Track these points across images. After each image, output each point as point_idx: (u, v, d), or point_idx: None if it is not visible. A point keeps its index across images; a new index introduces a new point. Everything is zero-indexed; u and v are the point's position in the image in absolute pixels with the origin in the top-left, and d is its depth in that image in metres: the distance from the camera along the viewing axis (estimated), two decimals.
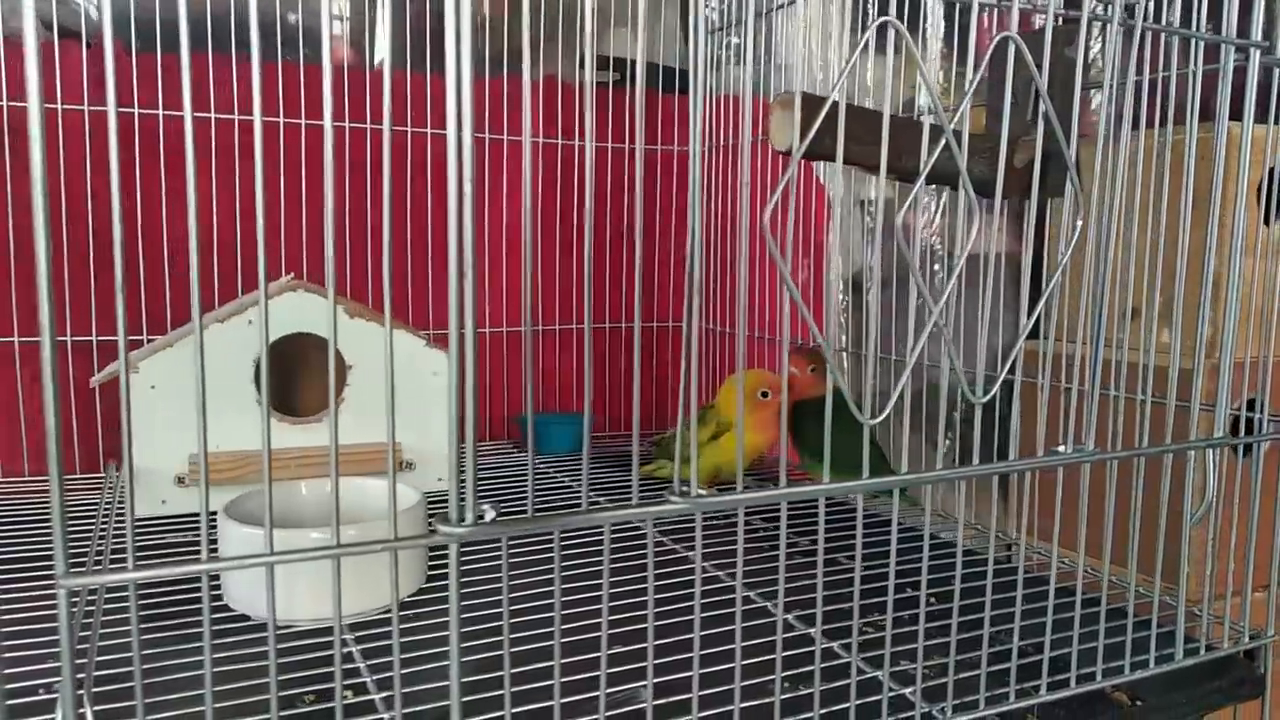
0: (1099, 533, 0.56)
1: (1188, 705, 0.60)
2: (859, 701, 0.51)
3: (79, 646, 0.58)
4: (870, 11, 1.12)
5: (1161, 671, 0.59)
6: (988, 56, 0.46)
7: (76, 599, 0.66)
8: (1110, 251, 0.50)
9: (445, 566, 0.68)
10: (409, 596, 0.67)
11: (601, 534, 0.41)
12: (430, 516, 0.69)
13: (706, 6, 1.35)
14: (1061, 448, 0.51)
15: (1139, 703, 0.61)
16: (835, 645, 0.61)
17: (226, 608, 0.64)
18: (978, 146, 0.62)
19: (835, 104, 0.51)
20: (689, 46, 1.32)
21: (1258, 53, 0.54)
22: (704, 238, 1.24)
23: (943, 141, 0.45)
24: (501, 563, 0.40)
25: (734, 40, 1.38)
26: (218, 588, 0.65)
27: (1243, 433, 0.76)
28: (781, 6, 1.25)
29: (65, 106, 0.96)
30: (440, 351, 0.93)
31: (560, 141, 1.18)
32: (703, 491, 0.42)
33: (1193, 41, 0.57)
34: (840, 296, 1.45)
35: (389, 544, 0.37)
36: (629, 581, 0.67)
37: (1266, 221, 1.11)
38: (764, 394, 0.93)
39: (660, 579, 0.74)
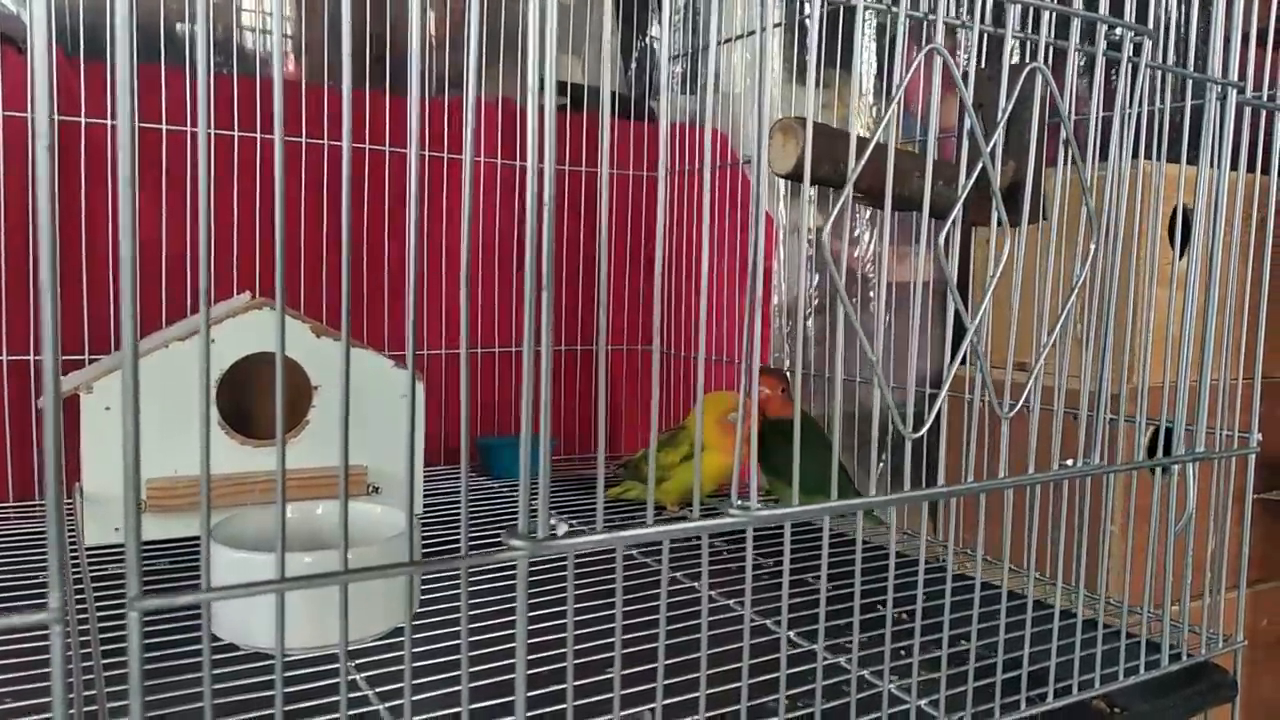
0: (1055, 548, 0.59)
1: (1172, 710, 0.62)
2: (890, 711, 0.52)
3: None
4: (809, 45, 1.16)
5: (1146, 679, 0.62)
6: (1018, 88, 0.48)
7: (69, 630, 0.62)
8: (1116, 278, 0.53)
9: (440, 592, 0.66)
10: (402, 623, 0.65)
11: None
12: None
13: (653, 38, 1.37)
14: (1070, 461, 0.53)
15: (1116, 709, 0.64)
16: (844, 661, 0.62)
17: (214, 637, 0.61)
18: (950, 174, 0.65)
19: (828, 129, 0.53)
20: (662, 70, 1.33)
21: (1234, 92, 0.58)
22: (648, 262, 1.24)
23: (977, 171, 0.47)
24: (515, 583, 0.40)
25: (678, 70, 1.41)
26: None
27: (1160, 449, 0.79)
28: (729, 40, 1.28)
29: (8, 113, 0.91)
30: (407, 372, 0.91)
31: (516, 163, 1.17)
32: (760, 506, 0.42)
33: (1160, 81, 0.61)
34: (780, 321, 1.49)
35: (459, 558, 0.36)
36: (600, 608, 0.66)
37: (1182, 255, 1.18)
38: (731, 417, 0.94)
39: (640, 600, 0.74)
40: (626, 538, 0.39)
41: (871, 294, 1.52)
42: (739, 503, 0.42)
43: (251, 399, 0.91)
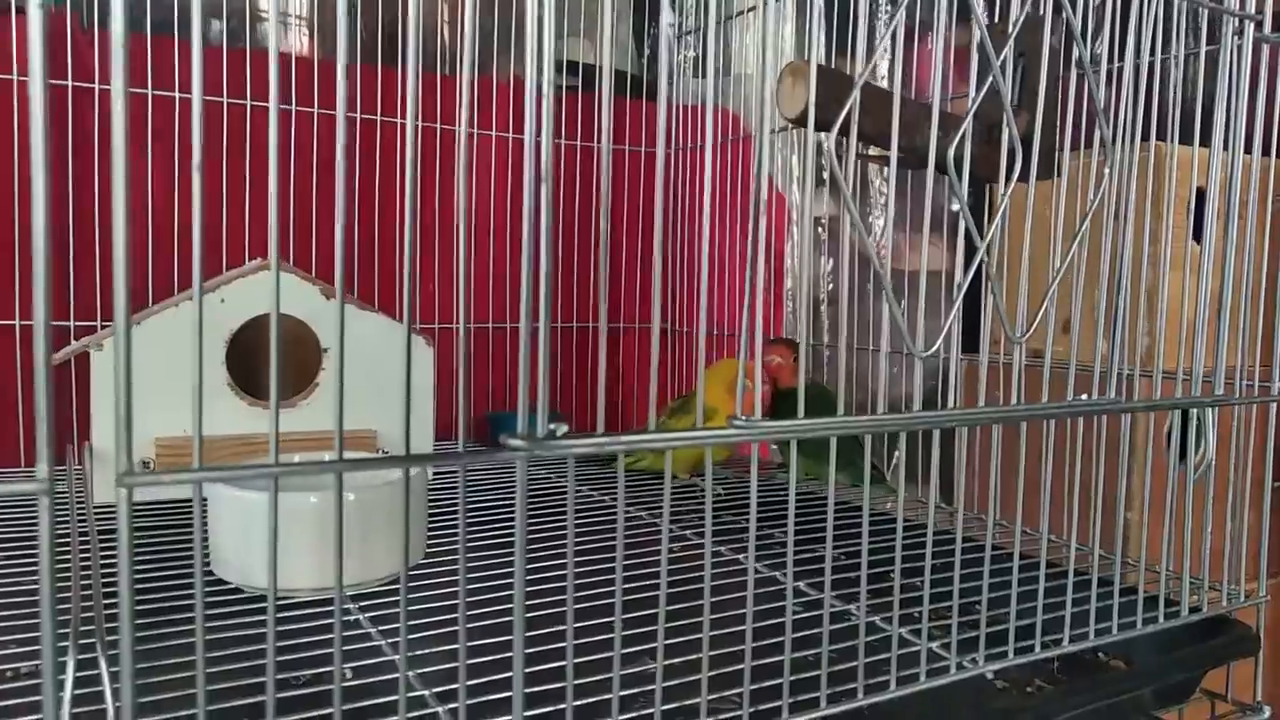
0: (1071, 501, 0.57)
1: (1190, 661, 0.61)
2: (899, 653, 0.51)
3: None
4: (820, 24, 1.15)
5: (1163, 633, 0.61)
6: (1025, 11, 0.47)
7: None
8: (1132, 213, 0.52)
9: (445, 545, 0.65)
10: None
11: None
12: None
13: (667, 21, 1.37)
14: (1084, 396, 0.52)
15: (1132, 665, 0.62)
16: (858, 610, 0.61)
17: (220, 581, 0.61)
18: (958, 125, 0.64)
19: (839, 73, 0.52)
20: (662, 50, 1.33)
21: (1251, 25, 0.57)
22: (664, 239, 1.24)
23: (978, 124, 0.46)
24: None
25: (692, 53, 1.41)
26: (207, 560, 0.62)
27: (1178, 433, 0.78)
28: (740, 14, 1.28)
29: (21, 78, 0.92)
30: (418, 336, 0.90)
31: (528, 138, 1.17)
32: (760, 419, 0.41)
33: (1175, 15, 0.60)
34: (795, 305, 1.48)
35: (457, 455, 0.36)
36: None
37: (1197, 239, 1.16)
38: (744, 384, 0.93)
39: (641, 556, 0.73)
40: (626, 442, 0.38)
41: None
42: (742, 419, 0.41)
43: (261, 360, 0.91)
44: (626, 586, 0.52)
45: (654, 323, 0.42)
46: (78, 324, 0.96)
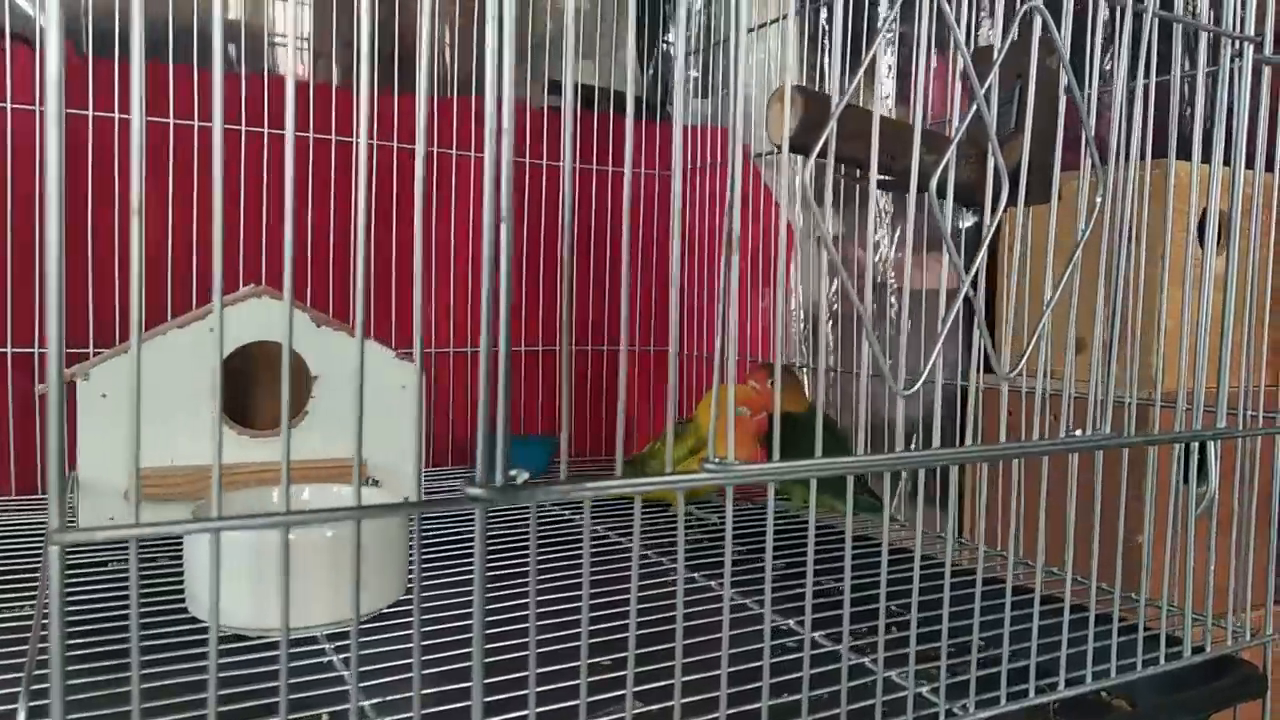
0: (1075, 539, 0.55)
1: (1194, 703, 0.59)
2: (886, 698, 0.49)
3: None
4: (824, 44, 1.14)
5: (1166, 673, 0.59)
6: (1014, 29, 0.46)
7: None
8: (1125, 264, 0.50)
9: (430, 578, 0.64)
10: (388, 608, 0.63)
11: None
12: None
13: (666, 40, 1.36)
14: (1079, 432, 0.50)
15: (1135, 707, 0.60)
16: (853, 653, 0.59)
17: (194, 619, 0.60)
18: (961, 151, 0.62)
19: (828, 98, 0.51)
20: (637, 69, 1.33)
21: (1250, 48, 0.55)
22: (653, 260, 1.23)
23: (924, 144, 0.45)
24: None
25: (694, 74, 1.40)
26: (181, 595, 0.61)
27: (1197, 457, 0.76)
28: (749, 30, 1.27)
29: (15, 106, 0.92)
30: (409, 364, 0.89)
31: (527, 161, 1.16)
32: (736, 463, 0.40)
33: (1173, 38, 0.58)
34: (801, 325, 1.46)
35: (412, 506, 0.34)
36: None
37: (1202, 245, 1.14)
38: (739, 411, 0.92)
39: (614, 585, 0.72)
40: (592, 489, 0.37)
41: (891, 300, 1.49)
42: (716, 460, 0.39)
43: (250, 389, 0.90)
44: (601, 627, 0.51)
45: (622, 348, 0.41)
46: (70, 350, 0.96)
